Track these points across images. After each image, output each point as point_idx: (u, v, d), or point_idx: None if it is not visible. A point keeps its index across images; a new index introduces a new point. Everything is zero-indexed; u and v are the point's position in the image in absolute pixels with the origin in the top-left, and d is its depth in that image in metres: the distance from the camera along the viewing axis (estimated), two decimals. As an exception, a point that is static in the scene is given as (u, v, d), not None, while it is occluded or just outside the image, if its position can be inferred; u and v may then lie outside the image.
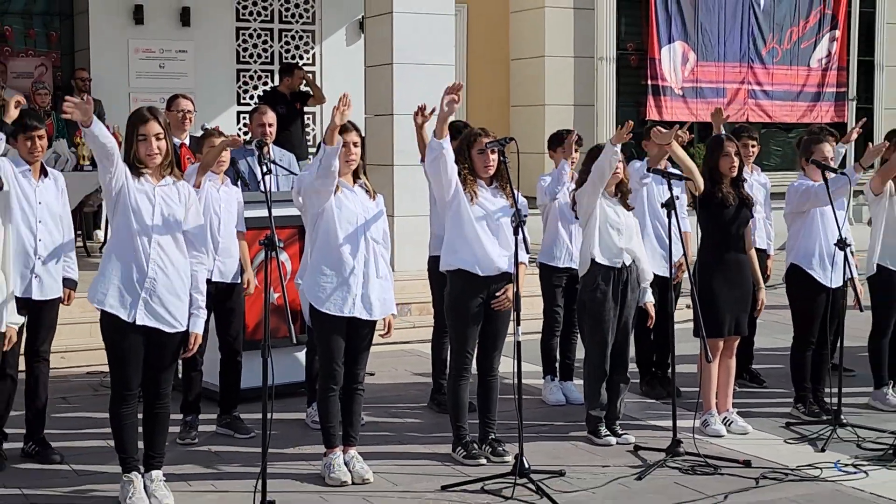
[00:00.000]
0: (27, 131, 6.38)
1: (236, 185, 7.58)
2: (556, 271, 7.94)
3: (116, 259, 5.70)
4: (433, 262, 7.44)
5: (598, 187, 6.80)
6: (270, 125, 8.34)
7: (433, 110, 6.71)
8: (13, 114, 5.68)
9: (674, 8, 17.13)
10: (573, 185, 7.64)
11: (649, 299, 7.14)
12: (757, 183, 8.61)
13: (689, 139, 9.92)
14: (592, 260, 6.94)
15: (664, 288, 7.72)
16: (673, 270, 7.60)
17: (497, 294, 6.58)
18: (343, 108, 5.83)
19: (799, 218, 7.66)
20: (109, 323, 5.68)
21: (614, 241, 6.87)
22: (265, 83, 15.06)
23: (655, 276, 7.49)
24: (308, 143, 12.74)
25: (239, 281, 7.25)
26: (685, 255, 7.27)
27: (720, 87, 17.58)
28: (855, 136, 9.29)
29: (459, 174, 6.59)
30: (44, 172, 6.49)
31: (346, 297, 6.20)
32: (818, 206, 7.52)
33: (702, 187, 7.05)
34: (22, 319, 5.79)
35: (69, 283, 6.66)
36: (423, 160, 7.02)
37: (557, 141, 8.11)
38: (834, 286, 7.54)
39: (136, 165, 5.72)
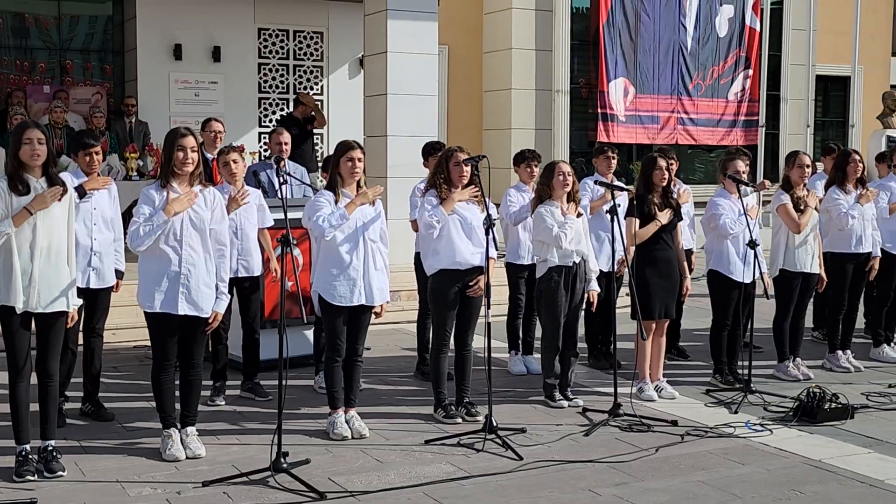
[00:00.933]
0: (86, 148, 6.42)
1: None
2: (520, 268, 7.98)
3: (154, 261, 5.73)
4: (418, 256, 7.47)
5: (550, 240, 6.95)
6: (286, 144, 8.37)
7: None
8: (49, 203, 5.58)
9: (618, 50, 17.17)
10: (532, 194, 7.71)
11: (594, 288, 7.19)
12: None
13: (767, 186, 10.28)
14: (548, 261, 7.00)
15: (608, 279, 7.77)
16: (616, 265, 7.64)
17: (470, 284, 6.62)
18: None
19: (710, 227, 7.72)
20: (155, 318, 5.77)
21: (564, 245, 6.91)
22: (281, 109, 14.99)
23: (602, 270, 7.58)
24: (317, 159, 12.71)
25: (258, 274, 7.27)
26: (625, 252, 7.31)
27: (655, 115, 17.60)
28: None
29: (436, 184, 6.63)
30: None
31: (353, 290, 6.23)
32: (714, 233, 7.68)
33: None
34: (80, 302, 5.80)
35: (118, 274, 6.69)
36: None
37: (521, 158, 8.15)
38: (746, 281, 7.59)
39: (171, 173, 5.76)
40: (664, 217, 7.20)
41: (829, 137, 20.14)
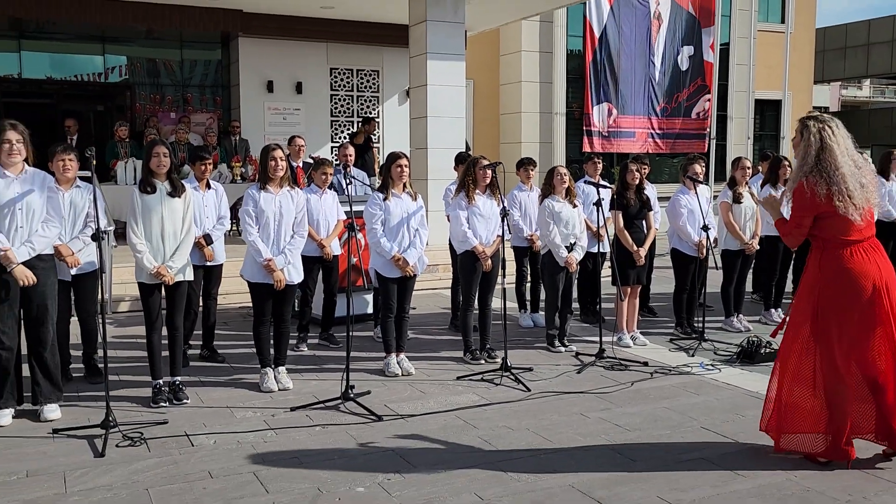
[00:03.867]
0: (200, 160, 6.46)
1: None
2: (522, 249, 7.91)
3: (260, 241, 5.75)
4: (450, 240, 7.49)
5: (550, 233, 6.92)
6: (350, 155, 8.44)
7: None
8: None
9: (602, 81, 17.13)
10: (528, 190, 7.73)
11: (577, 255, 7.07)
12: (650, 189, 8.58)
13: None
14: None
15: (594, 257, 7.74)
16: (602, 245, 7.62)
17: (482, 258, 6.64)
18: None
19: (673, 216, 7.67)
20: (255, 286, 5.84)
21: (564, 231, 6.89)
22: (348, 129, 15.07)
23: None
24: (376, 165, 12.77)
25: (336, 254, 7.26)
26: (607, 234, 7.27)
27: (631, 131, 17.55)
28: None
29: (465, 184, 6.63)
30: (208, 185, 6.53)
31: (400, 262, 6.26)
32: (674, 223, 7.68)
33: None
34: (192, 277, 5.83)
35: (207, 240, 6.59)
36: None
37: (520, 164, 8.04)
38: (701, 256, 7.54)
39: (266, 178, 5.81)
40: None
41: (764, 147, 20.00)
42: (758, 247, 7.90)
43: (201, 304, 6.73)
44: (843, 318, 4.30)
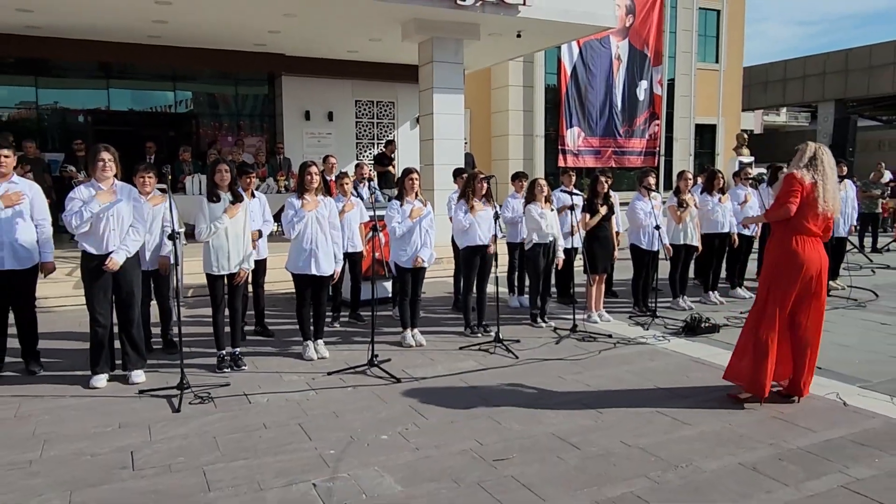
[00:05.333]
0: (245, 175, 6.34)
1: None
2: (514, 245, 7.89)
3: (297, 242, 5.77)
4: (454, 238, 7.47)
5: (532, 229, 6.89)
6: (371, 170, 8.43)
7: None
8: (235, 212, 5.45)
9: (573, 109, 17.07)
10: (521, 198, 7.72)
11: (560, 255, 7.13)
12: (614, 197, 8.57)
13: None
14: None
15: (570, 250, 7.74)
16: (574, 241, 7.62)
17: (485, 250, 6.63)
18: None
19: (632, 218, 7.66)
20: (297, 276, 5.83)
21: (543, 230, 6.89)
22: (370, 150, 15.07)
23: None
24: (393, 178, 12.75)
25: (360, 249, 7.25)
26: (579, 233, 7.27)
27: (597, 150, 17.48)
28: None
29: (466, 194, 6.63)
30: (253, 195, 6.49)
31: (415, 259, 6.27)
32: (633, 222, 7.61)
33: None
34: (248, 269, 5.84)
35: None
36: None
37: (514, 177, 7.98)
38: (654, 250, 7.54)
39: (304, 189, 5.77)
40: (602, 211, 7.17)
41: (703, 162, 19.89)
42: (698, 243, 7.92)
43: (251, 290, 6.74)
44: (788, 289, 4.51)
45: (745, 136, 17.78)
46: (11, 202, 5.14)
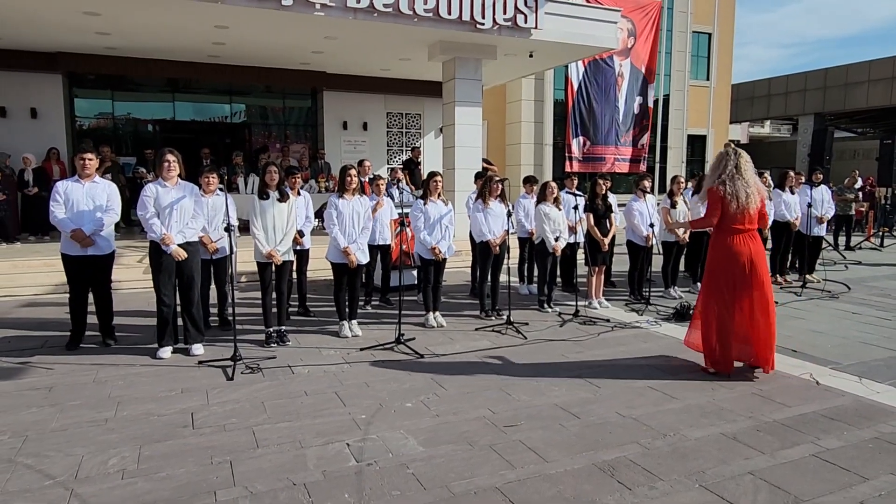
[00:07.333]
0: (291, 175, 6.36)
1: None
2: (524, 239, 7.87)
3: (340, 234, 5.77)
4: (471, 233, 7.45)
5: (543, 228, 6.82)
6: (401, 172, 8.43)
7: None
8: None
9: (579, 120, 16.87)
10: (531, 198, 7.66)
11: (560, 244, 7.05)
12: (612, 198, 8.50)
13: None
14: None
15: (574, 245, 7.70)
16: (577, 237, 7.57)
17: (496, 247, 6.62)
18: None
19: (628, 217, 7.60)
20: (335, 265, 5.82)
21: (551, 226, 6.86)
22: (399, 156, 15.08)
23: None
24: (419, 176, 12.76)
25: (389, 242, 7.30)
26: (581, 229, 7.23)
27: (601, 157, 17.29)
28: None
29: (482, 194, 6.61)
30: (298, 193, 6.51)
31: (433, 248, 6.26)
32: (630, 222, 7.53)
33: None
34: (290, 257, 5.87)
35: (300, 233, 6.53)
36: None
37: (526, 181, 7.97)
38: (648, 245, 7.47)
39: (342, 189, 5.80)
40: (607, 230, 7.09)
41: (694, 169, 19.63)
42: (688, 239, 7.83)
43: (295, 277, 6.79)
44: (727, 280, 4.63)
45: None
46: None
